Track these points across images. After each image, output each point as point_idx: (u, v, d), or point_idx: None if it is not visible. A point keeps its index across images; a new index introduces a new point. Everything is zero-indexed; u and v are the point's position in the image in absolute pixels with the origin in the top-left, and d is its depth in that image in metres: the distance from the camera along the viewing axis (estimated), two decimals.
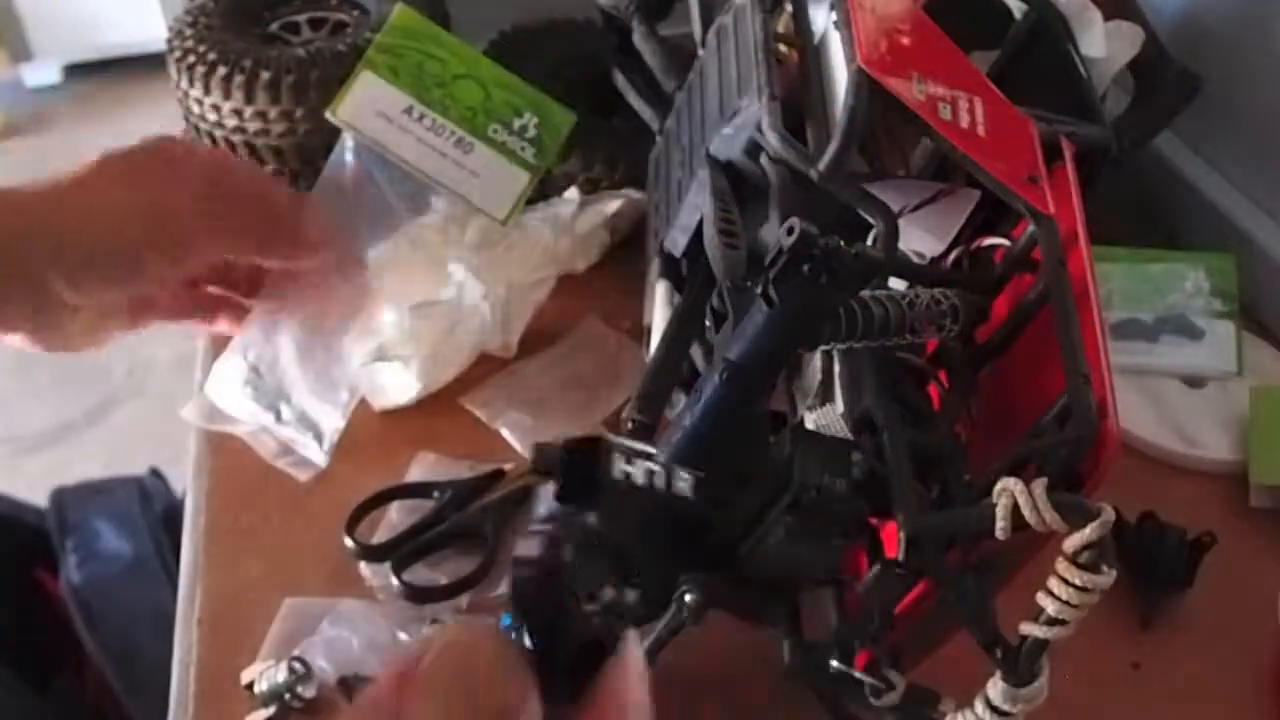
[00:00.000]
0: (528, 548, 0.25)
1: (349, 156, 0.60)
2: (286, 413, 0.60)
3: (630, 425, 0.44)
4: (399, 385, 0.60)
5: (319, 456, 0.58)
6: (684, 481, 0.29)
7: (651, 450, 0.28)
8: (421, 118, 0.60)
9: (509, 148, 0.62)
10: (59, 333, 0.51)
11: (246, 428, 0.60)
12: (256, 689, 0.47)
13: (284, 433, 0.59)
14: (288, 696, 0.47)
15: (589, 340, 0.66)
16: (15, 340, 0.50)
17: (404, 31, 0.61)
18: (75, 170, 0.50)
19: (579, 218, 0.65)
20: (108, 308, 0.53)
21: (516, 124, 0.62)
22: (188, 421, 0.62)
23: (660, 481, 0.28)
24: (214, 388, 0.61)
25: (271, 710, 0.47)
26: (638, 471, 0.28)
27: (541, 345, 0.65)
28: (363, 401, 0.60)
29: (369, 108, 0.60)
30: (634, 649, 0.25)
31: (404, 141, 0.60)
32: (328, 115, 0.59)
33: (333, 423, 0.59)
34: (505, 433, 0.60)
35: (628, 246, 0.68)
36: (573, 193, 0.67)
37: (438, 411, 0.61)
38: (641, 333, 0.55)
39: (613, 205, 0.66)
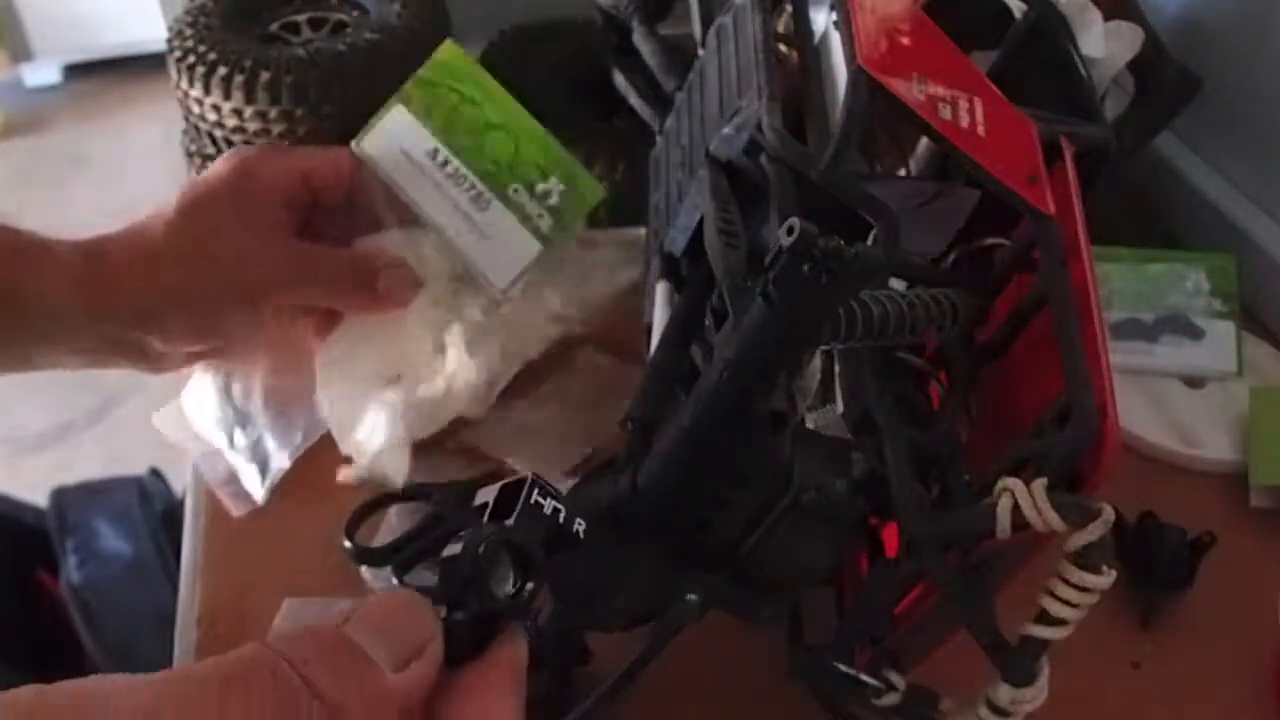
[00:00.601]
0: (452, 550, 0.32)
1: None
2: (240, 440, 0.58)
3: (630, 424, 0.44)
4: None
5: (258, 493, 0.57)
6: (579, 525, 0.34)
7: (559, 493, 0.34)
8: (445, 164, 0.59)
9: (526, 212, 0.59)
10: (164, 365, 0.56)
11: (201, 447, 0.59)
12: None
13: (234, 460, 0.58)
14: None
15: (584, 372, 0.63)
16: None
17: (447, 69, 0.59)
18: (158, 224, 0.53)
19: (593, 285, 0.62)
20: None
21: (540, 188, 0.60)
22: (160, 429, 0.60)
23: (561, 519, 0.34)
24: (189, 398, 0.60)
25: None
26: (547, 505, 0.33)
27: (533, 378, 0.61)
28: None
29: (394, 143, 0.59)
30: (518, 631, 0.33)
31: (423, 186, 0.58)
32: (351, 146, 0.58)
33: (278, 463, 0.58)
34: (511, 461, 0.58)
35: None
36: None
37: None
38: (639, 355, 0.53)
39: (630, 275, 0.61)
